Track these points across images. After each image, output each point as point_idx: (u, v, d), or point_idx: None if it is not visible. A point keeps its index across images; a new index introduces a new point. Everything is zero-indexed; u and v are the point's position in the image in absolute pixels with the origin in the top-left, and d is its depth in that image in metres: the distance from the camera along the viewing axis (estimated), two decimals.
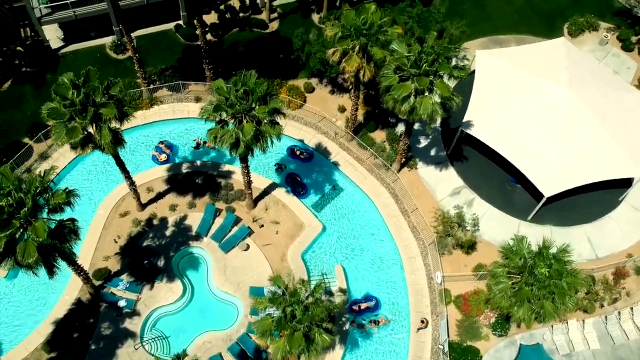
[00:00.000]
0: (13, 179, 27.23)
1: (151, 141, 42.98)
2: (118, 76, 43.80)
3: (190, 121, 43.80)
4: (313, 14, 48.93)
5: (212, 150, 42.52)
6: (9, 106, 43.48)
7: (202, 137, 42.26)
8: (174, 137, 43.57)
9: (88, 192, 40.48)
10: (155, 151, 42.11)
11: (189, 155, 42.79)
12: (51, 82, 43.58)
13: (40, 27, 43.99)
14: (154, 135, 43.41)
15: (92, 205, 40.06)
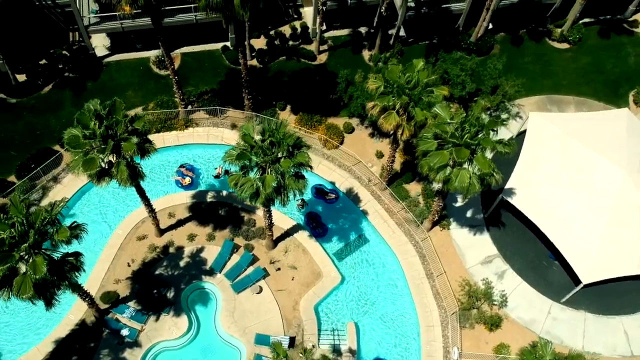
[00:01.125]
0: (21, 207, 26.47)
1: (191, 163, 42.16)
2: (158, 92, 43.78)
3: (224, 148, 42.42)
4: (364, 51, 47.11)
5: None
6: (47, 110, 43.32)
7: (225, 166, 41.15)
8: (204, 162, 42.52)
9: (109, 209, 39.88)
10: (177, 175, 41.15)
11: (217, 182, 41.64)
12: (92, 90, 43.63)
13: (87, 35, 43.65)
14: (185, 157, 42.45)
15: (113, 221, 39.39)
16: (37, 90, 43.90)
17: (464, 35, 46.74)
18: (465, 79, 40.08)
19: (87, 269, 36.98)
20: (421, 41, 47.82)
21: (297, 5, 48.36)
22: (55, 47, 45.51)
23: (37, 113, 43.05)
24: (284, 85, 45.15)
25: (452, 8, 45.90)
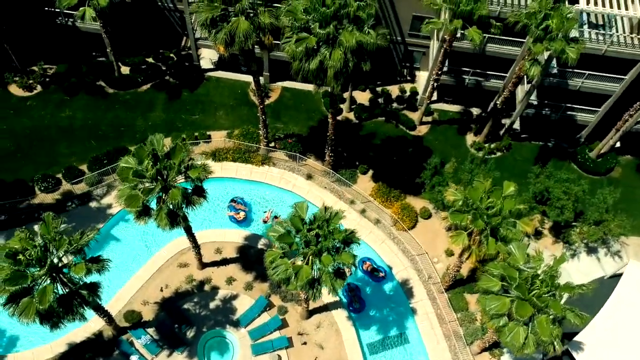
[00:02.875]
0: (52, 229, 25.89)
1: (249, 199, 40.75)
2: (248, 120, 42.64)
3: (293, 196, 40.79)
4: (469, 134, 43.43)
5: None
6: (138, 108, 43.46)
7: (276, 213, 39.28)
8: (270, 203, 40.85)
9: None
10: (230, 211, 39.77)
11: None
12: (185, 100, 43.28)
13: (196, 46, 43.29)
14: (253, 194, 41.02)
15: (159, 240, 38.71)
16: (135, 86, 44.13)
17: (583, 147, 41.88)
18: (566, 204, 35.53)
19: (120, 283, 37.08)
20: (534, 140, 43.41)
21: (413, 66, 45.46)
22: (165, 49, 45.60)
23: (128, 109, 43.25)
24: (373, 148, 42.55)
25: (577, 117, 41.17)
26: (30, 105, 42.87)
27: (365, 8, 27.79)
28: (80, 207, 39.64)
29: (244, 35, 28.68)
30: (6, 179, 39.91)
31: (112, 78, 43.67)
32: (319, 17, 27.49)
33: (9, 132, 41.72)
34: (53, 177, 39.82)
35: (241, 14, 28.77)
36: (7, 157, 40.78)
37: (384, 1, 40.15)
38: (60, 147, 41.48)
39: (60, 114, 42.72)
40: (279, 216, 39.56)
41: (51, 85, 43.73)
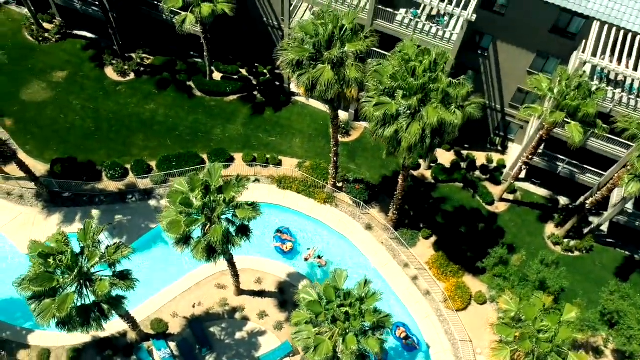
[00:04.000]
0: (89, 236, 25.75)
1: (303, 235, 39.67)
2: (322, 154, 41.48)
3: (346, 243, 39.24)
4: (550, 223, 40.08)
5: (323, 268, 38.27)
6: (219, 117, 43.28)
7: (320, 252, 38.29)
8: (324, 245, 39.47)
9: None
10: (277, 241, 38.70)
11: (319, 270, 38.52)
12: (266, 119, 42.82)
13: None
14: (307, 229, 39.83)
15: None
16: (222, 94, 43.98)
17: None
18: (636, 335, 31.76)
19: (156, 288, 36.90)
20: (621, 248, 39.44)
21: (507, 137, 42.53)
22: (261, 64, 45.20)
23: (210, 116, 43.15)
24: (442, 213, 40.14)
25: None
26: (119, 90, 43.69)
27: (458, 87, 25.67)
28: (139, 202, 39.92)
29: (325, 85, 27.38)
30: (79, 157, 40.87)
31: (202, 81, 43.72)
32: (405, 86, 25.70)
33: (94, 112, 42.71)
34: (122, 166, 40.32)
35: (328, 63, 27.46)
36: (85, 136, 41.75)
37: (490, 67, 37.62)
38: (136, 138, 41.98)
39: (145, 105, 43.25)
40: (322, 257, 38.37)
41: (144, 75, 44.38)
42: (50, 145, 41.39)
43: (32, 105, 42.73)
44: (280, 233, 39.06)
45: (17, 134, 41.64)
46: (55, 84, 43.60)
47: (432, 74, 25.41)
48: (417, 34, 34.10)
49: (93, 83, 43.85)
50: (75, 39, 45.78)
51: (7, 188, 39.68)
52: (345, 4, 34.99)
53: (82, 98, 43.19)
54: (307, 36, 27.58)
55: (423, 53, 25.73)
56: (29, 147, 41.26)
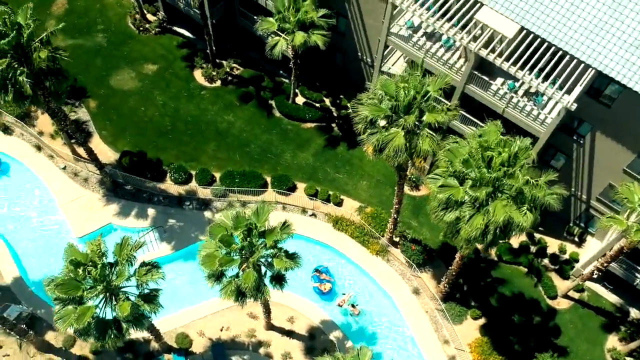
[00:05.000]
0: (126, 252, 25.43)
1: (344, 280, 38.33)
2: (385, 202, 39.90)
3: (388, 301, 37.44)
4: (612, 335, 36.56)
5: (357, 317, 36.74)
6: (292, 142, 42.53)
7: (354, 300, 36.76)
8: (359, 295, 37.85)
9: None
10: (314, 281, 37.45)
11: (354, 320, 36.96)
12: (337, 154, 42.00)
13: None
14: (350, 276, 38.35)
15: None
16: (300, 120, 43.19)
17: None
18: None
19: (190, 302, 36.51)
20: None
21: (587, 230, 39.14)
22: (346, 96, 44.11)
23: (283, 139, 42.45)
24: (498, 296, 37.46)
25: None
26: (203, 95, 43.79)
27: (535, 188, 23.31)
28: (195, 210, 39.78)
29: (394, 150, 25.77)
30: (149, 153, 41.25)
31: (284, 103, 43.07)
32: (476, 176, 23.66)
33: (174, 111, 43.00)
34: (187, 172, 40.32)
35: (402, 129, 25.83)
36: (160, 133, 42.10)
37: (583, 155, 34.63)
38: (207, 146, 41.88)
39: (224, 115, 43.10)
40: (357, 306, 36.88)
41: (230, 85, 44.27)
42: (125, 135, 42.03)
43: (118, 92, 43.58)
44: (319, 272, 37.84)
45: (97, 117, 42.59)
46: (144, 76, 44.27)
47: (509, 169, 23.23)
48: (509, 109, 31.76)
49: (180, 82, 44.19)
50: (173, 35, 46.35)
51: (75, 168, 40.61)
52: (440, 61, 33.09)
53: (166, 95, 43.61)
54: (387, 96, 26.06)
55: (504, 144, 23.57)
56: (105, 133, 42.07)
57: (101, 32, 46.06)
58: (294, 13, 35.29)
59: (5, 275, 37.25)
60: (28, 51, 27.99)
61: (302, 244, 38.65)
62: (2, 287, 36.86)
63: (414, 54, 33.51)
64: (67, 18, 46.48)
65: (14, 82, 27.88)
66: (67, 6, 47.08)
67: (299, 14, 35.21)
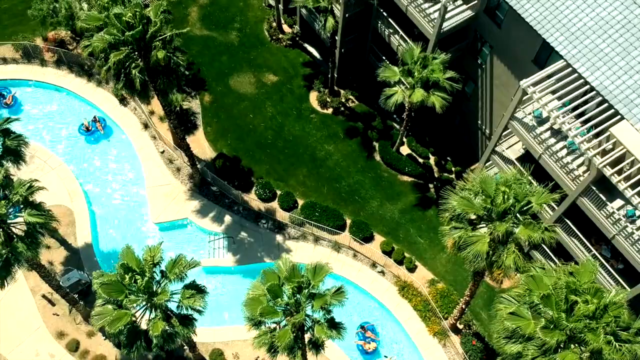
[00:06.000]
0: (178, 270, 25.15)
1: (392, 345, 36.66)
2: (461, 282, 37.17)
3: None
4: None
5: None
6: (383, 191, 41.05)
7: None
8: None
9: None
10: (359, 339, 36.18)
11: None
12: (426, 217, 40.15)
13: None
14: (402, 346, 36.51)
15: None
16: (398, 171, 41.59)
17: None
18: None
19: (234, 321, 36.07)
20: None
21: None
22: (454, 159, 41.93)
23: (375, 185, 41.07)
24: None
25: None
26: (311, 118, 43.22)
27: (615, 354, 20.20)
28: (269, 231, 39.36)
29: (474, 255, 23.55)
30: (243, 161, 41.32)
31: (387, 149, 41.57)
32: (554, 320, 20.92)
33: (278, 126, 42.77)
34: (273, 190, 39.97)
35: (489, 235, 23.53)
36: (259, 145, 42.02)
37: None
38: (299, 171, 41.30)
39: (325, 144, 42.29)
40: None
41: (340, 116, 43.39)
42: (226, 136, 42.34)
43: (233, 93, 43.98)
44: (364, 330, 36.11)
45: (207, 112, 43.22)
46: (262, 84, 44.40)
47: (592, 322, 20.36)
48: (621, 237, 28.37)
49: (293, 100, 43.89)
50: (301, 52, 46.11)
51: (172, 155, 41.41)
52: (559, 162, 30.18)
53: (277, 109, 43.46)
54: (482, 195, 23.89)
55: (595, 292, 20.73)
56: (209, 130, 42.60)
57: (236, 30, 46.68)
58: (419, 69, 33.64)
59: (79, 238, 38.63)
60: (148, 47, 28.39)
61: (360, 297, 37.44)
62: (72, 250, 38.26)
63: (533, 147, 30.85)
64: (209, 9, 47.58)
65: (127, 72, 28.39)
66: None
67: (425, 71, 33.53)
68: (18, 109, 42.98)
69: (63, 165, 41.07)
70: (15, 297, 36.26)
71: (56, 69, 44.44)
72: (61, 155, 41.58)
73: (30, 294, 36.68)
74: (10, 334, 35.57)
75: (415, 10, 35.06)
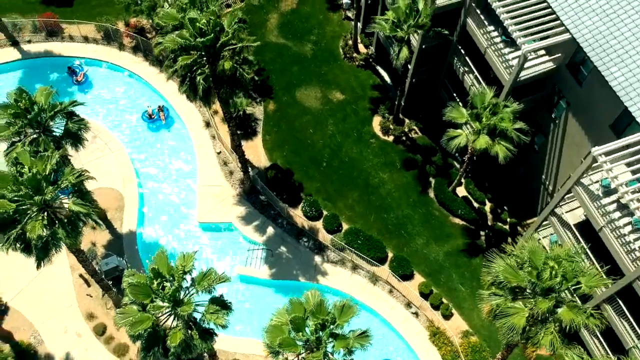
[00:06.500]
0: (206, 284, 24.99)
1: None
2: (493, 342, 35.61)
3: None
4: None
5: None
6: (431, 229, 39.86)
7: None
8: None
9: None
10: None
11: None
12: (473, 265, 38.66)
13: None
14: None
15: None
16: (451, 212, 40.29)
17: None
18: None
19: (258, 334, 35.66)
20: None
21: None
22: (509, 210, 40.18)
23: (425, 222, 39.93)
24: None
25: None
26: (370, 143, 42.49)
27: None
28: (308, 250, 38.94)
29: (509, 327, 22.24)
30: (295, 175, 41.03)
31: (442, 187, 40.37)
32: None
33: (336, 146, 42.26)
34: (320, 210, 39.52)
35: (529, 310, 22.17)
36: (314, 161, 41.64)
37: None
38: (350, 194, 40.66)
39: (380, 171, 41.48)
40: None
41: (400, 145, 42.43)
42: (283, 148, 42.15)
43: (298, 105, 43.76)
44: None
45: (269, 121, 43.18)
46: (327, 100, 43.99)
47: None
48: None
49: (356, 121, 43.27)
50: (372, 74, 45.43)
51: (227, 158, 41.57)
52: (621, 239, 28.29)
53: (338, 128, 42.95)
54: (529, 266, 22.53)
55: None
56: (268, 138, 42.54)
57: (311, 42, 46.46)
58: (488, 115, 32.36)
59: (125, 224, 39.27)
60: (217, 55, 28.40)
61: (389, 335, 36.33)
62: (116, 235, 38.93)
63: (595, 218, 29.07)
64: (289, 17, 47.58)
65: (192, 77, 28.48)
66: (294, 6, 48.06)
67: (493, 118, 32.22)
68: (88, 87, 44.24)
69: (122, 150, 41.89)
70: (55, 272, 37.12)
71: (132, 55, 45.41)
72: (122, 139, 42.43)
73: (69, 271, 37.53)
74: (44, 307, 36.49)
75: (494, 53, 33.78)
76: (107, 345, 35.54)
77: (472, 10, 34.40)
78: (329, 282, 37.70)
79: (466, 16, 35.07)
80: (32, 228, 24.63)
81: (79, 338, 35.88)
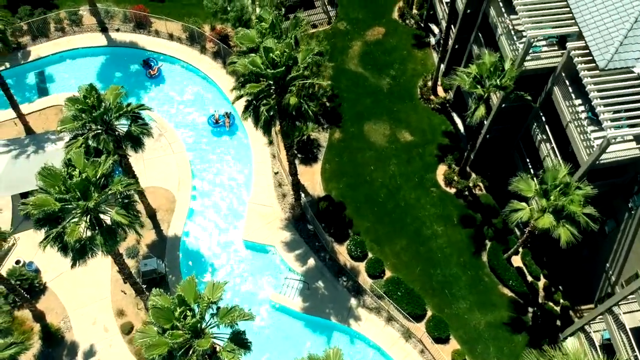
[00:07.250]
0: (230, 319, 24.45)
1: None
2: None
3: None
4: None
5: None
6: (477, 294, 38.00)
7: None
8: None
9: None
10: None
11: None
12: (515, 342, 36.52)
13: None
14: None
15: None
16: (501, 280, 38.21)
17: None
18: None
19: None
20: None
21: None
22: (564, 293, 37.74)
23: (471, 286, 38.16)
24: None
25: None
26: (431, 192, 40.99)
27: None
28: (345, 290, 37.96)
29: None
30: (347, 210, 40.08)
31: (497, 254, 38.21)
32: None
33: (395, 188, 41.06)
34: (365, 251, 38.56)
35: None
36: (368, 199, 40.64)
37: None
38: (398, 240, 39.37)
39: (435, 223, 39.89)
40: None
41: (461, 200, 40.66)
42: (340, 180, 41.28)
43: (363, 138, 42.78)
44: None
45: (331, 149, 42.41)
46: (394, 139, 42.77)
47: None
48: None
49: (419, 166, 41.84)
50: (446, 120, 43.86)
51: (283, 180, 41.09)
52: None
53: (400, 169, 41.67)
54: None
55: None
56: (327, 167, 41.77)
57: (390, 77, 45.38)
58: (557, 194, 30.26)
59: (171, 228, 39.40)
60: (285, 87, 27.81)
61: None
62: (161, 237, 39.10)
63: None
64: (372, 47, 46.66)
65: (257, 105, 28.02)
66: (380, 37, 47.10)
67: (562, 199, 30.11)
68: (160, 81, 44.86)
69: (184, 154, 42.10)
70: (97, 262, 37.15)
71: (212, 60, 45.69)
72: (185, 140, 42.62)
73: (110, 264, 37.83)
74: (79, 294, 37.01)
75: (576, 129, 31.62)
76: (130, 346, 35.62)
77: (561, 79, 32.35)
78: (361, 328, 36.48)
79: (553, 84, 33.06)
80: (71, 232, 24.75)
81: (105, 332, 36.17)
